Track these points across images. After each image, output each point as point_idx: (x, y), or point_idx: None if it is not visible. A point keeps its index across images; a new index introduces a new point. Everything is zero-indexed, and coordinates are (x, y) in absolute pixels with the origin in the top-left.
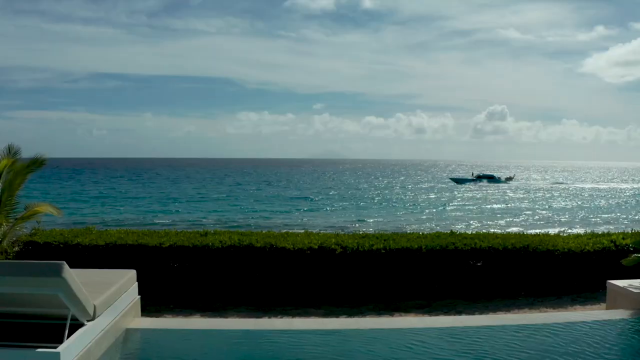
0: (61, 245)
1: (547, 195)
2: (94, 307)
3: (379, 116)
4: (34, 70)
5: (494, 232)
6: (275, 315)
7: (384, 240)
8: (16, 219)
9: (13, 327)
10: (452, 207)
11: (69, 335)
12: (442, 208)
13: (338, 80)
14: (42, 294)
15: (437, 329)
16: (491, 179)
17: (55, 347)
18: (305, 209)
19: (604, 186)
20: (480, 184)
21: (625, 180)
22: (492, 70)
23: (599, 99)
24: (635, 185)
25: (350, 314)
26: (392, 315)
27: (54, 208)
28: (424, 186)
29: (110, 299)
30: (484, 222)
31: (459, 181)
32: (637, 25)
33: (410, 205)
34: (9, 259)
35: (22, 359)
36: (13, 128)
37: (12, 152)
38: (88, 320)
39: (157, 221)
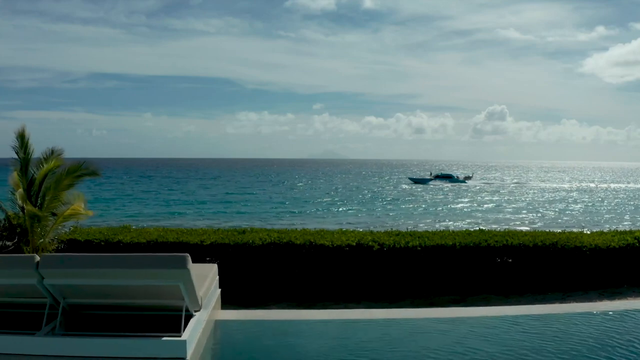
0: (102, 243)
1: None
2: (200, 298)
3: (378, 116)
4: (33, 71)
5: (522, 230)
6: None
7: (418, 237)
8: (57, 218)
9: (128, 318)
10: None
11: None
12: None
13: (338, 80)
14: (164, 285)
15: (531, 315)
16: (449, 178)
17: (173, 337)
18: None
19: (566, 185)
20: (438, 183)
21: (592, 180)
22: (491, 70)
23: (598, 99)
24: (601, 185)
25: (390, 308)
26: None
27: (85, 210)
28: (382, 187)
29: (207, 291)
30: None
31: (418, 181)
32: (637, 25)
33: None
34: None
35: (150, 347)
36: (13, 128)
37: (55, 153)
38: (196, 311)
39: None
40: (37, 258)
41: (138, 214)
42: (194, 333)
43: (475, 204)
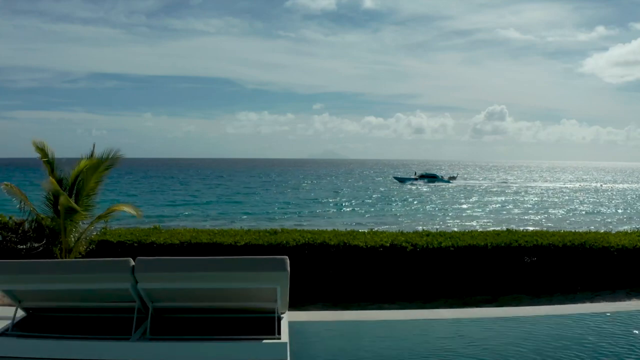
0: (135, 244)
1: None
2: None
3: (378, 116)
4: (33, 71)
5: (549, 230)
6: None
7: (449, 237)
8: (94, 218)
9: (217, 321)
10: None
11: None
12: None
13: (337, 80)
14: (260, 288)
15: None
16: (434, 178)
17: (272, 340)
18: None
19: (550, 185)
20: (423, 182)
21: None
22: (491, 70)
23: (598, 99)
24: (583, 184)
25: (424, 308)
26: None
27: (133, 208)
28: (367, 185)
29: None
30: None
31: (403, 180)
32: (637, 25)
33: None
34: (79, 257)
35: (250, 350)
36: (13, 128)
37: (92, 154)
38: (282, 313)
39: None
40: (132, 262)
41: (147, 216)
42: (285, 336)
43: (476, 205)
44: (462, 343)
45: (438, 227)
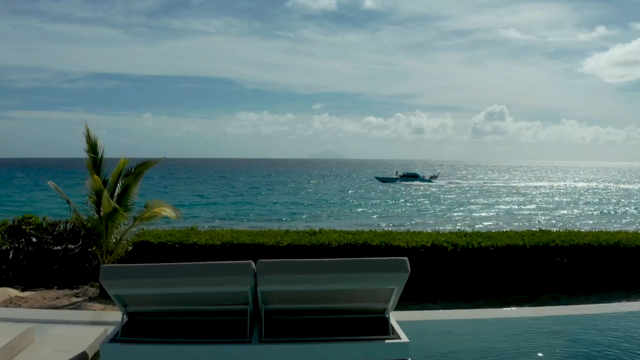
0: (177, 245)
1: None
2: None
3: (378, 116)
4: (32, 71)
5: (580, 230)
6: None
7: (487, 237)
8: (135, 219)
9: (325, 322)
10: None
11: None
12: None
13: (337, 80)
14: (378, 289)
15: None
16: (415, 177)
17: (395, 340)
18: None
19: (537, 184)
20: (404, 182)
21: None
22: (491, 70)
23: (598, 99)
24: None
25: (467, 307)
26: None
27: (172, 210)
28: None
29: None
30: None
31: (384, 180)
32: (637, 25)
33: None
34: (118, 259)
35: (371, 350)
36: (12, 128)
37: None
38: (389, 313)
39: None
40: (253, 265)
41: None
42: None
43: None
44: (562, 340)
45: (449, 227)
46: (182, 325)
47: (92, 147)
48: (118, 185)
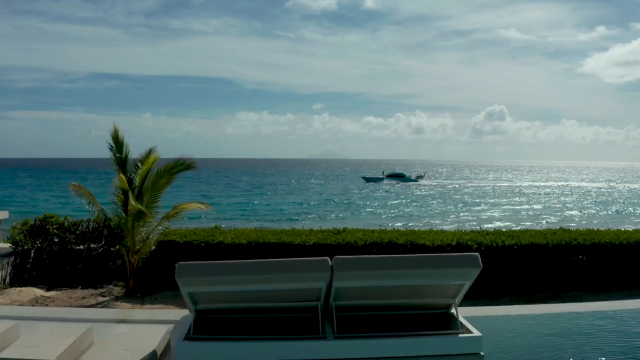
0: (202, 244)
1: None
2: None
3: (378, 116)
4: (32, 71)
5: (599, 229)
6: None
7: (510, 236)
8: (162, 217)
9: (391, 318)
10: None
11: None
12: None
13: (337, 80)
14: (448, 285)
15: None
16: (401, 177)
17: (468, 334)
18: None
19: (525, 183)
20: (391, 182)
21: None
22: (491, 70)
23: (598, 99)
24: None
25: (492, 305)
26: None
27: (201, 204)
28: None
29: None
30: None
31: (370, 180)
32: (637, 25)
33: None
34: (143, 259)
35: (449, 345)
36: (12, 128)
37: (152, 152)
38: (455, 309)
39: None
40: (330, 261)
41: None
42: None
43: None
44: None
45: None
46: (249, 322)
47: (119, 147)
48: (145, 183)
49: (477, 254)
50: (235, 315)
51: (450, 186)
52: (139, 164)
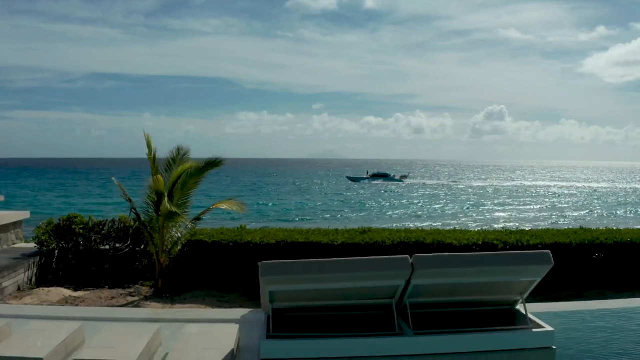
0: (231, 244)
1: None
2: None
3: (377, 116)
4: (31, 71)
5: (620, 229)
6: None
7: (534, 236)
8: (193, 217)
9: (459, 314)
10: None
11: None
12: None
13: (337, 80)
14: (520, 281)
15: None
16: (386, 177)
17: (541, 329)
18: None
19: (507, 184)
20: (376, 182)
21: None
22: (490, 70)
23: (598, 99)
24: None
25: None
26: None
27: (237, 205)
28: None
29: None
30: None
31: (355, 180)
32: (637, 25)
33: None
34: (172, 257)
35: (522, 340)
36: (12, 128)
37: (181, 152)
38: (523, 304)
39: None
40: (410, 259)
41: None
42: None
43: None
44: None
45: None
46: (324, 320)
47: (150, 150)
48: (177, 184)
49: (549, 251)
50: (307, 313)
51: (454, 185)
52: (172, 163)
